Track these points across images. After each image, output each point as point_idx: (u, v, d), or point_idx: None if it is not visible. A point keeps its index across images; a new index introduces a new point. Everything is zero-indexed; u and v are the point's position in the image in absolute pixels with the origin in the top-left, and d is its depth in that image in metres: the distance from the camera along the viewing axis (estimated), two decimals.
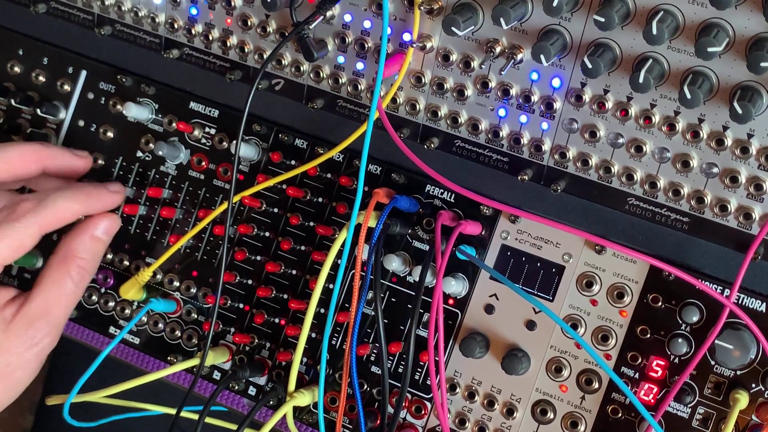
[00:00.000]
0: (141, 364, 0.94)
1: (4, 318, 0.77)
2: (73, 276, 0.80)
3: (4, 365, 0.77)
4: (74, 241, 0.81)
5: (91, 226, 0.82)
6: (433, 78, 0.80)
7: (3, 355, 0.77)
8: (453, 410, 0.84)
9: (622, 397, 0.79)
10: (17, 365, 0.78)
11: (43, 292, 0.79)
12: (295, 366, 0.83)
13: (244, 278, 0.90)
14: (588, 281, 0.79)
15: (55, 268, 0.80)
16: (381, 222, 0.80)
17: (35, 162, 0.83)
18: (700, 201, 0.74)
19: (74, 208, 0.80)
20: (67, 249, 0.81)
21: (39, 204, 0.78)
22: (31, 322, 0.78)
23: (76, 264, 0.80)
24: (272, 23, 0.85)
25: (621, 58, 0.73)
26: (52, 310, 0.79)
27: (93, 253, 0.82)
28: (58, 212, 0.79)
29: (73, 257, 0.81)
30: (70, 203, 0.80)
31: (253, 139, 0.90)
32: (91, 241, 0.82)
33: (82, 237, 0.81)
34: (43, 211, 0.77)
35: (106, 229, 0.83)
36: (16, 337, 0.77)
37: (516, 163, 0.80)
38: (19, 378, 0.79)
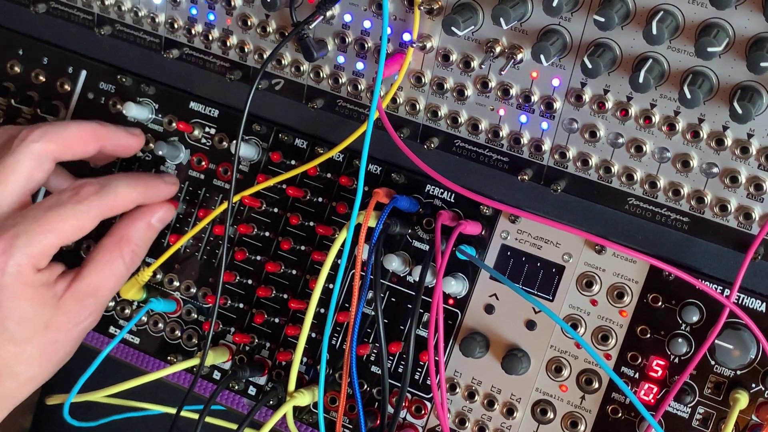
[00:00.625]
0: (141, 364, 0.94)
1: (56, 293, 0.78)
2: (126, 259, 0.82)
3: (52, 341, 0.78)
4: (131, 227, 0.83)
5: (149, 213, 0.84)
6: (433, 78, 0.80)
7: (52, 331, 0.78)
8: (453, 410, 0.84)
9: (622, 397, 0.79)
10: (63, 341, 0.79)
11: (94, 271, 0.80)
12: (295, 366, 0.83)
13: (244, 278, 0.90)
14: (588, 281, 0.79)
15: (109, 249, 0.81)
16: (381, 222, 0.80)
17: (93, 141, 0.84)
18: (700, 201, 0.74)
19: (133, 196, 0.82)
20: (123, 232, 0.82)
21: (102, 189, 0.79)
22: (81, 300, 0.79)
23: (130, 248, 0.82)
24: (272, 23, 0.85)
25: (621, 58, 0.73)
26: (101, 289, 0.81)
27: (146, 240, 0.84)
28: (119, 198, 0.80)
29: (128, 241, 0.82)
30: (129, 191, 0.81)
31: (253, 139, 0.90)
32: (147, 228, 0.84)
33: (138, 223, 0.83)
34: (105, 196, 0.79)
35: (162, 218, 0.85)
36: (66, 312, 0.78)
37: (516, 163, 0.80)
38: (62, 355, 0.81)
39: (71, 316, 0.79)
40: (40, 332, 0.78)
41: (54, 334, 0.78)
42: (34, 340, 0.78)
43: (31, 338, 0.77)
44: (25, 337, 0.77)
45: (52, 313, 0.78)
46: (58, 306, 0.78)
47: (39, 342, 0.78)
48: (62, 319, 0.79)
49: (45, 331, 0.78)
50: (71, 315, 0.79)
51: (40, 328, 0.78)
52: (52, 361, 0.81)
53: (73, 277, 0.80)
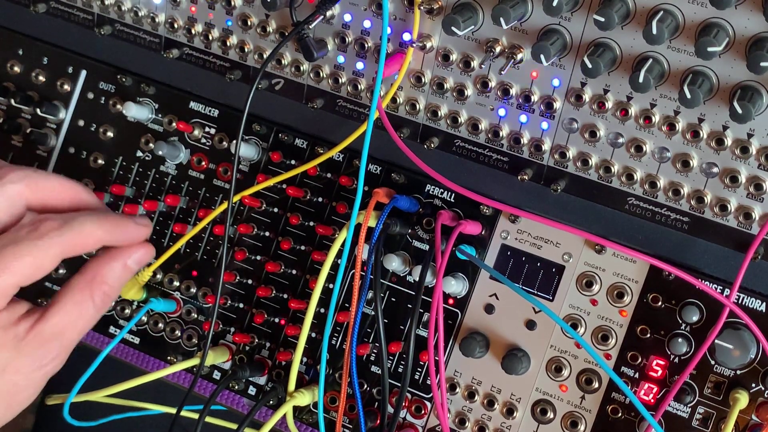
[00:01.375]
0: (141, 364, 0.94)
1: (17, 334, 0.72)
2: (96, 301, 0.75)
3: (11, 384, 0.72)
4: (104, 267, 0.76)
5: (125, 254, 0.76)
6: (433, 78, 0.80)
7: (11, 374, 0.72)
8: (453, 410, 0.84)
9: (622, 397, 0.79)
10: (23, 385, 0.73)
11: (61, 311, 0.73)
12: (295, 366, 0.83)
13: (244, 278, 0.90)
14: (588, 281, 0.79)
15: (79, 289, 0.74)
16: (381, 222, 0.80)
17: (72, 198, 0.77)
18: (700, 201, 0.74)
19: (98, 235, 0.75)
20: (95, 272, 0.75)
21: (64, 225, 0.72)
22: (44, 342, 0.73)
23: (102, 290, 0.75)
24: (272, 23, 0.85)
25: (621, 58, 0.73)
26: (67, 332, 0.74)
27: (120, 282, 0.77)
28: (83, 236, 0.73)
29: (101, 282, 0.75)
30: (95, 229, 0.74)
31: (253, 138, 0.90)
32: (122, 269, 0.76)
33: (113, 263, 0.76)
34: (68, 232, 0.72)
35: (139, 260, 0.78)
36: (27, 355, 0.72)
37: (516, 163, 0.80)
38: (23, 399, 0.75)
39: (33, 359, 0.72)
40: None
41: (12, 377, 0.72)
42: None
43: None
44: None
45: (12, 355, 0.71)
46: (18, 348, 0.71)
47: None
48: (23, 362, 0.72)
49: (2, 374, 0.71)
50: (33, 358, 0.72)
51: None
52: (11, 406, 0.74)
53: (38, 317, 0.73)
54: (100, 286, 0.75)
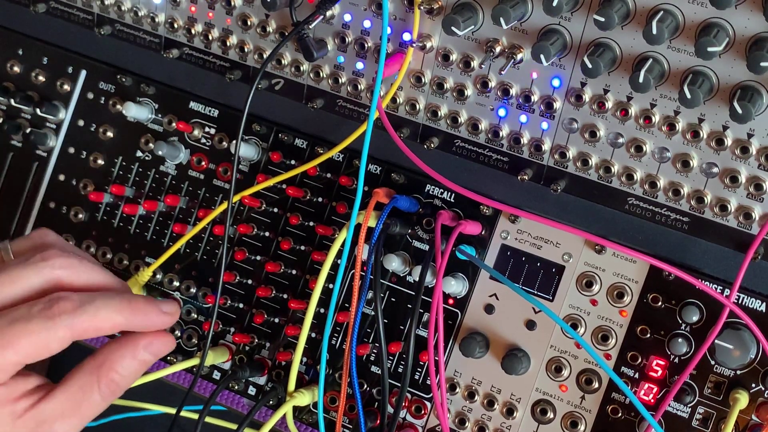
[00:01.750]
0: None
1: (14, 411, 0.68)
2: (102, 390, 0.70)
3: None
4: (116, 353, 0.70)
5: (142, 343, 0.71)
6: (433, 78, 0.80)
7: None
8: (453, 410, 0.84)
9: (622, 397, 0.79)
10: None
11: (65, 393, 0.69)
12: (294, 366, 0.83)
13: (244, 278, 0.90)
14: (588, 281, 0.79)
15: (87, 373, 0.70)
16: (381, 222, 0.80)
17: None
18: (700, 201, 0.74)
19: (116, 321, 0.70)
20: (106, 358, 0.70)
21: (80, 307, 0.68)
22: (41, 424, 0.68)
23: (110, 378, 0.70)
24: (272, 23, 0.85)
25: (621, 58, 0.73)
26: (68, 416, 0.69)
27: (132, 373, 0.71)
28: (97, 321, 0.69)
29: (109, 369, 0.70)
30: (113, 314, 0.69)
31: (252, 138, 0.90)
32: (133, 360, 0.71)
33: (126, 352, 0.71)
34: (82, 315, 0.68)
35: (156, 351, 0.72)
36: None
37: (516, 163, 0.80)
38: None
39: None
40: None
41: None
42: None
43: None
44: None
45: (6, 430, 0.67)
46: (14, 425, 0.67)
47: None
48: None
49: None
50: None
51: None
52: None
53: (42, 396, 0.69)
54: (107, 374, 0.70)
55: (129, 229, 0.94)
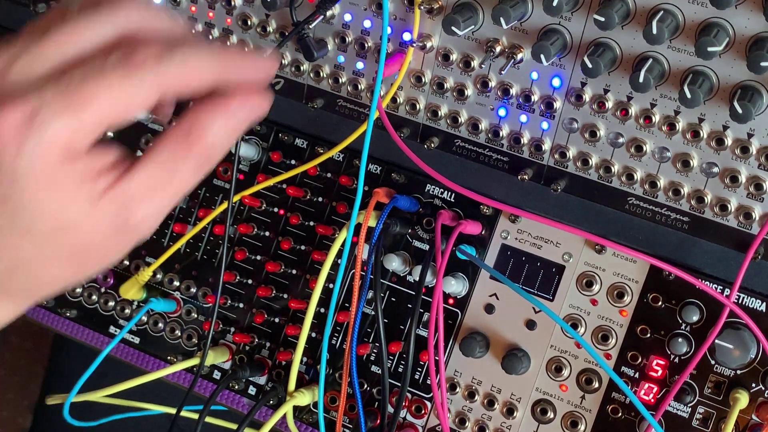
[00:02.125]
0: (141, 364, 0.94)
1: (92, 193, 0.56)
2: (195, 158, 0.59)
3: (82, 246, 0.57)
4: (206, 116, 0.58)
5: (235, 103, 0.58)
6: (433, 77, 0.80)
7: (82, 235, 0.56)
8: (453, 410, 0.84)
9: (622, 397, 0.79)
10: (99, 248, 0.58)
11: (149, 169, 0.58)
12: (295, 365, 0.83)
13: (244, 278, 0.90)
14: (588, 281, 0.79)
15: (174, 143, 0.58)
16: (381, 221, 0.80)
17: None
18: (700, 201, 0.74)
19: (209, 71, 0.57)
20: (194, 122, 0.58)
21: (164, 54, 0.56)
22: (126, 204, 0.57)
23: (202, 144, 0.58)
24: (272, 23, 0.85)
25: (621, 58, 0.73)
26: (157, 193, 0.58)
27: (227, 138, 0.59)
28: (187, 71, 0.56)
29: (201, 137, 0.58)
30: (205, 63, 0.56)
31: (253, 138, 0.90)
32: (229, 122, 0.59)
33: (217, 113, 0.58)
34: (169, 64, 0.55)
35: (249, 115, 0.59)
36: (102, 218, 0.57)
37: (516, 163, 0.80)
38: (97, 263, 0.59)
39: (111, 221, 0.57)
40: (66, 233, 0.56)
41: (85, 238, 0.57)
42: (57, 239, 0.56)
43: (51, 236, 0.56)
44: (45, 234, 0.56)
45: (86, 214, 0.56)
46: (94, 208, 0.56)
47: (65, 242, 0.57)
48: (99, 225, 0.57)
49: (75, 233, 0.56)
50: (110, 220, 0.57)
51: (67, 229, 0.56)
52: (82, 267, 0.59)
53: (125, 169, 0.58)
54: (199, 139, 0.58)
55: None
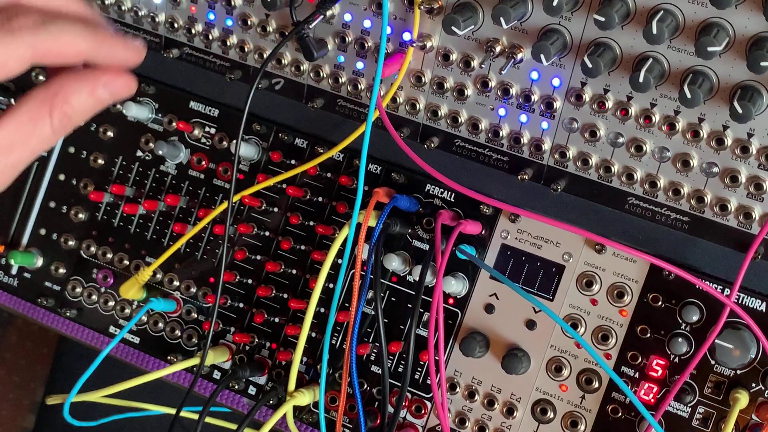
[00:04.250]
0: (141, 364, 0.94)
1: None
2: (54, 122, 0.63)
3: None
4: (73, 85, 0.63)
5: (102, 79, 0.64)
6: (433, 77, 0.80)
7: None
8: (453, 410, 0.84)
9: (622, 397, 0.79)
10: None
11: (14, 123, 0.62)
12: (295, 365, 0.83)
13: (244, 278, 0.90)
14: (588, 281, 0.79)
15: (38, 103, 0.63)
16: (381, 221, 0.80)
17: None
18: (700, 200, 0.74)
19: (81, 46, 0.63)
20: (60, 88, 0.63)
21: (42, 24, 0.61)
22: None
23: (64, 110, 0.63)
24: (272, 23, 0.85)
25: (621, 58, 0.73)
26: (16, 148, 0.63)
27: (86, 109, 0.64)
28: (61, 42, 0.61)
29: (64, 101, 0.63)
30: (78, 38, 0.62)
31: (253, 138, 0.90)
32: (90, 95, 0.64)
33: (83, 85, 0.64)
34: (44, 34, 0.61)
35: (115, 92, 0.65)
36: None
37: (516, 163, 0.80)
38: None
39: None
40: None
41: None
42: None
43: None
44: None
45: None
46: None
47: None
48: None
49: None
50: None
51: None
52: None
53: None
54: (61, 106, 0.63)
55: (129, 229, 0.94)
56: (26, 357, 1.58)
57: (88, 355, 0.91)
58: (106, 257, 0.94)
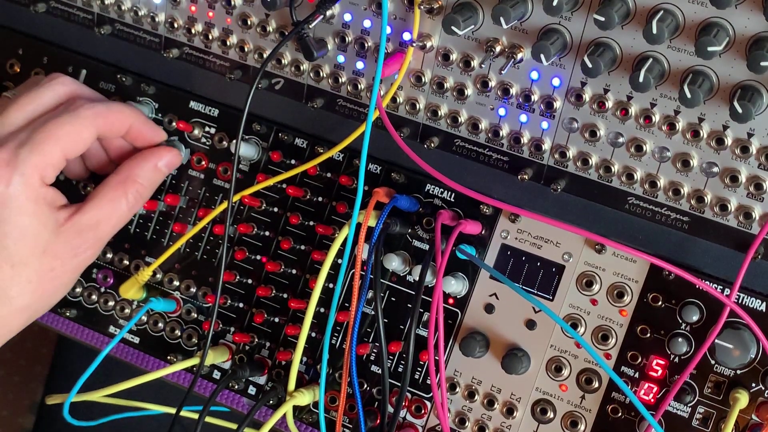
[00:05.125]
0: (141, 364, 0.94)
1: (57, 220, 0.78)
2: (129, 198, 0.82)
3: (49, 268, 0.78)
4: (137, 167, 0.83)
5: (156, 156, 0.85)
6: (433, 77, 0.80)
7: (49, 257, 0.78)
8: (453, 410, 0.84)
9: (622, 397, 0.79)
10: (60, 271, 0.79)
11: (97, 206, 0.80)
12: (294, 365, 0.83)
13: (243, 278, 0.90)
14: (588, 280, 0.79)
15: (113, 187, 0.82)
16: (381, 221, 0.80)
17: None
18: (700, 200, 0.74)
19: (130, 117, 0.83)
20: (128, 172, 0.83)
21: (99, 104, 0.81)
22: (81, 232, 0.79)
23: (135, 188, 0.82)
24: (272, 22, 0.85)
25: (621, 58, 0.73)
26: (102, 225, 0.80)
27: (152, 182, 0.84)
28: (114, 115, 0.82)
29: (134, 181, 0.82)
30: (128, 111, 0.83)
31: (253, 138, 0.90)
32: (153, 171, 0.84)
33: (145, 164, 0.84)
34: (103, 110, 0.80)
35: (168, 163, 0.86)
36: (65, 241, 0.78)
37: (516, 163, 0.80)
38: (58, 287, 0.81)
39: (70, 246, 0.79)
40: (38, 256, 0.77)
41: (51, 261, 0.78)
42: (30, 263, 0.77)
43: (28, 261, 0.77)
44: (23, 259, 0.76)
45: (52, 237, 0.78)
46: (58, 232, 0.78)
47: (36, 267, 0.77)
48: (61, 247, 0.78)
49: (42, 255, 0.77)
50: (70, 245, 0.79)
51: (38, 252, 0.77)
52: (47, 291, 0.80)
53: (76, 209, 0.80)
54: (133, 185, 0.82)
55: (129, 229, 0.94)
56: (26, 357, 1.58)
57: (88, 355, 0.91)
58: (106, 257, 0.94)
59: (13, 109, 0.80)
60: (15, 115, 0.80)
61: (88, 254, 0.81)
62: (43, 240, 0.77)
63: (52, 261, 0.78)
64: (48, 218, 0.77)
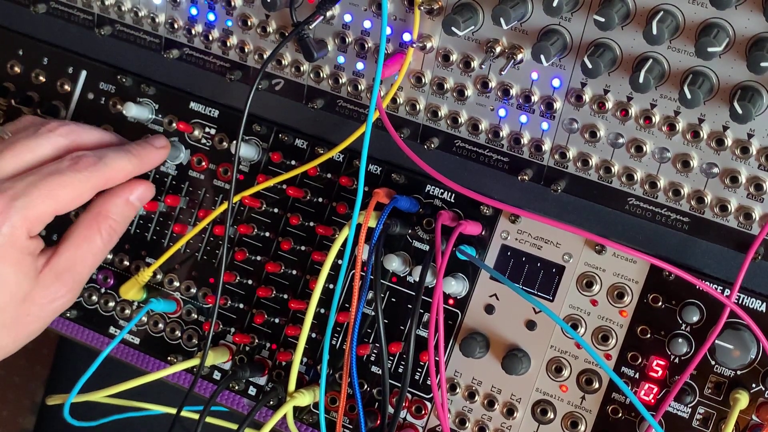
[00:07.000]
0: (141, 364, 0.94)
1: (37, 268, 0.78)
2: (103, 235, 0.82)
3: (26, 314, 0.78)
4: (108, 203, 0.83)
5: (127, 190, 0.84)
6: (433, 78, 0.80)
7: (28, 304, 0.78)
8: (453, 410, 0.84)
9: (622, 397, 0.79)
10: (36, 316, 0.79)
11: (72, 247, 0.80)
12: (295, 366, 0.83)
13: (244, 278, 0.90)
14: (588, 281, 0.79)
15: (86, 225, 0.81)
16: (381, 222, 0.80)
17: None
18: (700, 201, 0.74)
19: (129, 169, 0.83)
20: (100, 209, 0.82)
21: (99, 161, 0.80)
22: (59, 275, 0.79)
23: (108, 224, 0.82)
24: (272, 23, 0.85)
25: (621, 58, 0.73)
26: (78, 265, 0.80)
27: (124, 217, 0.84)
28: (115, 171, 0.81)
29: (106, 217, 0.82)
30: (125, 163, 0.82)
31: (253, 139, 0.90)
32: (125, 205, 0.84)
33: (116, 200, 0.83)
34: (103, 168, 0.80)
35: (140, 196, 0.85)
36: (44, 287, 0.79)
37: (516, 163, 0.80)
38: (33, 330, 0.81)
39: (48, 291, 0.79)
40: (17, 303, 0.78)
41: (29, 307, 0.78)
42: (8, 309, 0.77)
43: (6, 308, 0.77)
44: (1, 306, 0.77)
45: (31, 285, 0.78)
46: (37, 279, 0.78)
47: (13, 313, 0.78)
48: (40, 293, 0.79)
49: (21, 302, 0.78)
50: (48, 291, 0.79)
51: (18, 300, 0.78)
52: (22, 335, 0.80)
53: (52, 253, 0.80)
54: (105, 221, 0.82)
55: (129, 229, 0.94)
56: (26, 357, 1.58)
57: (89, 355, 0.91)
58: (106, 258, 0.94)
59: (9, 156, 0.79)
60: (10, 162, 0.79)
61: (66, 298, 0.81)
62: (23, 289, 0.77)
63: (30, 307, 0.78)
64: (29, 268, 0.78)
